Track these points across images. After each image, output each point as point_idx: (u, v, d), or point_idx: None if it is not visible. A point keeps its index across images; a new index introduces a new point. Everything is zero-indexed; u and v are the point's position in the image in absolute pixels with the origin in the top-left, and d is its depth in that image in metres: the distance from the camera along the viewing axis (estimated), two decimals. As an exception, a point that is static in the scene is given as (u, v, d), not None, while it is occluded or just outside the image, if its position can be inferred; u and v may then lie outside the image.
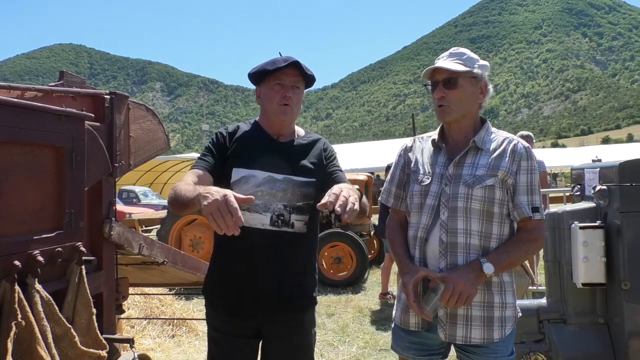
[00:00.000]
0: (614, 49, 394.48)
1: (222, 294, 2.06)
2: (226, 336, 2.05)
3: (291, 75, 2.00)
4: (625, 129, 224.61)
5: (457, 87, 1.93)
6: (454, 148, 2.01)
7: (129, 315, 4.80)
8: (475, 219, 1.89)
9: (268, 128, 2.08)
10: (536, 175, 1.95)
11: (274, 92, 2.00)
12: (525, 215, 1.90)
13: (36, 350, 1.53)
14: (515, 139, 1.98)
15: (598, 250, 2.57)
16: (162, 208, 14.89)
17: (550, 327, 2.75)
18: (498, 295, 1.92)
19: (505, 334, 1.92)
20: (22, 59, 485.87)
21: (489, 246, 1.90)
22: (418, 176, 2.02)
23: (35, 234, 1.70)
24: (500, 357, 1.92)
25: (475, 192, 1.88)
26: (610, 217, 2.61)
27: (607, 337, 2.64)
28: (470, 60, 1.96)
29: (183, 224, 8.00)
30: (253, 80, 2.07)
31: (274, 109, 2.01)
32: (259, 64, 2.05)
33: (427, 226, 1.95)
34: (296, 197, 1.98)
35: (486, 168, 1.90)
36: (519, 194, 1.91)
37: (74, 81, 2.22)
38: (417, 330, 2.00)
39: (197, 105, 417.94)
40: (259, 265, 1.98)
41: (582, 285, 2.60)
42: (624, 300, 2.51)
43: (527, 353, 2.72)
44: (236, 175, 1.97)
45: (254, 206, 1.94)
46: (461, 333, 1.89)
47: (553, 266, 2.89)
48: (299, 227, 2.00)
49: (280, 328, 2.04)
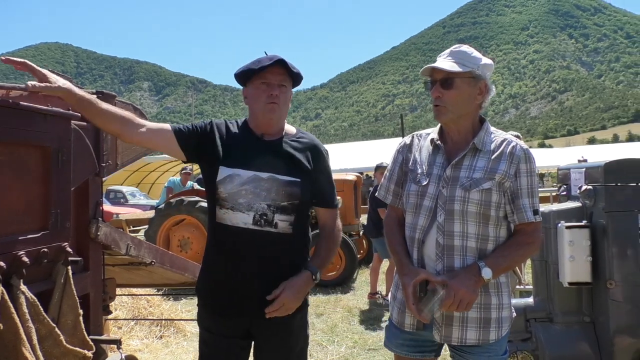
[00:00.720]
0: (599, 50, 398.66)
1: (211, 293, 2.06)
2: (216, 336, 2.04)
3: (277, 74, 1.98)
4: (610, 129, 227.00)
5: (454, 88, 1.90)
6: (452, 148, 1.98)
7: (116, 316, 4.76)
8: (472, 221, 1.88)
9: (255, 127, 2.07)
10: (536, 177, 1.95)
11: (260, 92, 1.99)
12: (527, 219, 1.89)
13: (21, 351, 1.51)
14: (514, 141, 1.96)
15: (584, 250, 2.60)
16: (150, 208, 14.78)
17: (537, 326, 2.77)
18: (495, 296, 1.92)
19: (501, 334, 1.92)
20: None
21: (485, 248, 1.90)
22: (415, 176, 2.01)
23: (20, 235, 1.68)
24: (494, 356, 1.92)
25: (472, 195, 1.87)
26: (595, 217, 2.64)
27: (592, 335, 2.66)
28: (470, 60, 1.93)
29: (171, 224, 7.95)
30: (240, 80, 2.06)
31: (261, 108, 2.00)
32: (244, 64, 2.04)
33: (424, 228, 1.94)
34: (280, 196, 1.96)
35: (484, 171, 1.89)
36: (521, 197, 1.90)
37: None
38: (412, 331, 2.00)
39: (186, 105, 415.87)
40: (244, 265, 1.97)
41: (569, 284, 2.63)
42: (609, 299, 2.54)
43: (515, 352, 2.74)
44: (222, 174, 1.96)
45: (238, 205, 1.94)
46: (457, 334, 1.89)
47: (540, 265, 2.92)
48: (283, 228, 1.97)
49: (268, 329, 2.03)
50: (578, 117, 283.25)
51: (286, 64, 1.96)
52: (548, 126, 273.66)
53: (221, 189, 1.95)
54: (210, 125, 2.06)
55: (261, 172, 1.96)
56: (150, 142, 2.02)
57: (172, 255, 2.93)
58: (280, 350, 2.06)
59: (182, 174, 10.20)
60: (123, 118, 1.89)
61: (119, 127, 1.89)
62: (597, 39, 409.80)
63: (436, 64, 1.93)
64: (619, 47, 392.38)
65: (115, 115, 1.88)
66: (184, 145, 1.99)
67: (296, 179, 1.99)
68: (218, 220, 1.99)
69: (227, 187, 1.94)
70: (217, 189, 1.96)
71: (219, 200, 1.96)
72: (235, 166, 1.97)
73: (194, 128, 2.03)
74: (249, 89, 2.03)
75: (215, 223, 2.00)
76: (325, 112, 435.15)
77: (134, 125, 1.91)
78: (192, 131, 2.02)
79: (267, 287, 1.97)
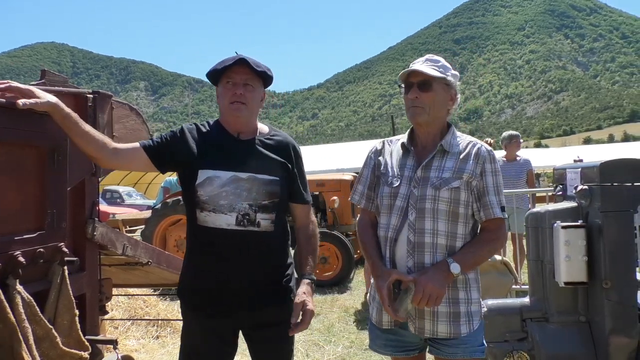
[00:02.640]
0: (595, 50, 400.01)
1: (197, 295, 2.06)
2: (201, 336, 2.05)
3: (241, 73, 1.99)
4: (606, 129, 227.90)
5: (431, 90, 2.01)
6: (422, 151, 2.09)
7: (112, 316, 4.75)
8: (442, 219, 1.98)
9: (227, 126, 2.08)
10: (501, 176, 2.06)
11: (226, 90, 2.01)
12: (494, 216, 2.00)
13: (17, 351, 1.51)
14: (479, 143, 2.09)
15: (580, 250, 2.60)
16: (146, 208, 14.75)
17: (533, 326, 2.78)
18: (463, 291, 2.01)
19: (473, 328, 2.01)
20: (3, 57, 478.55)
21: (454, 245, 2.00)
22: (388, 178, 2.09)
23: (16, 235, 1.68)
24: (470, 348, 2.00)
25: (442, 194, 1.97)
26: (591, 217, 2.65)
27: (588, 335, 2.67)
28: (444, 67, 2.05)
29: (168, 225, 7.94)
30: (212, 81, 2.08)
31: (226, 106, 2.01)
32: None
33: (396, 227, 2.03)
34: (261, 195, 1.98)
35: (452, 171, 2.00)
36: (488, 195, 2.01)
37: (56, 80, 2.19)
38: (390, 327, 2.07)
39: (182, 105, 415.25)
40: (230, 266, 1.98)
41: (564, 284, 2.63)
42: (605, 298, 2.55)
43: (510, 351, 2.75)
44: (201, 176, 1.96)
45: (219, 207, 1.94)
46: (429, 327, 1.98)
47: (535, 265, 2.92)
48: (266, 226, 2.00)
49: (256, 323, 2.05)
50: (574, 117, 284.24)
51: (248, 63, 1.97)
52: (544, 126, 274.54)
53: (201, 191, 1.95)
54: (180, 131, 2.06)
55: (241, 172, 1.97)
56: (125, 166, 2.08)
57: (169, 255, 2.93)
58: (273, 345, 2.10)
59: (179, 174, 10.18)
60: (99, 143, 1.87)
61: (95, 151, 1.88)
62: (593, 39, 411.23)
63: (415, 67, 2.03)
64: (615, 47, 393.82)
65: (95, 140, 1.86)
66: (156, 160, 1.99)
67: (275, 178, 2.02)
68: (200, 223, 1.98)
69: (206, 189, 1.95)
70: (196, 192, 1.96)
71: (199, 204, 1.96)
72: (213, 168, 1.97)
73: (163, 139, 2.03)
74: (218, 88, 2.06)
75: (197, 226, 2.00)
76: (322, 112, 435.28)
77: (109, 151, 1.90)
78: (161, 143, 2.02)
79: (254, 286, 2.00)
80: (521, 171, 6.83)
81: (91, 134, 1.85)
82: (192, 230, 2.05)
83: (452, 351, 1.99)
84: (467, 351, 1.99)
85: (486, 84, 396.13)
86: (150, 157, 1.98)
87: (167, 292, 6.20)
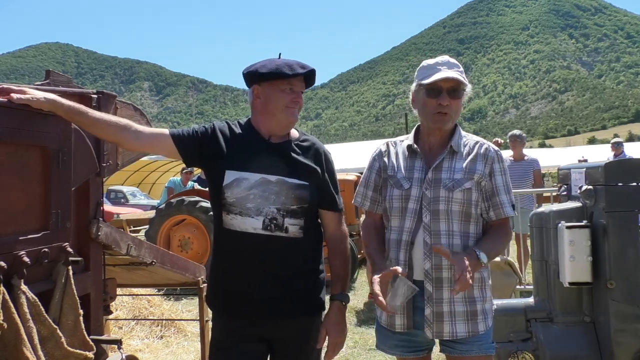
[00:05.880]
0: (599, 50, 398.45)
1: (225, 301, 2.02)
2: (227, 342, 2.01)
3: (301, 81, 2.00)
4: (611, 129, 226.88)
5: (460, 97, 2.02)
6: (429, 152, 2.08)
7: (116, 316, 4.76)
8: (456, 220, 1.99)
9: (265, 129, 2.02)
10: (508, 175, 2.09)
11: (285, 94, 1.95)
12: (505, 215, 2.03)
13: (22, 351, 1.52)
14: (486, 143, 2.10)
15: (584, 250, 2.59)
16: (150, 208, 14.78)
17: (538, 326, 2.77)
18: (478, 289, 2.03)
19: (488, 325, 2.03)
20: (8, 57, 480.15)
21: (468, 245, 2.01)
22: (397, 181, 2.07)
23: (21, 235, 1.69)
24: (485, 344, 2.02)
25: (455, 195, 1.98)
26: (596, 217, 2.64)
27: (593, 335, 2.66)
28: (463, 71, 2.05)
29: (172, 224, 7.95)
30: (254, 78, 1.98)
31: (281, 110, 1.96)
32: (260, 63, 1.99)
33: (411, 229, 2.01)
34: (290, 200, 1.92)
35: (463, 172, 2.00)
36: (499, 194, 2.03)
37: (61, 80, 2.20)
38: (402, 331, 2.04)
39: (186, 105, 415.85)
40: (256, 272, 1.94)
41: (569, 284, 2.62)
42: (610, 299, 2.54)
43: (515, 352, 2.74)
44: (229, 177, 1.92)
45: (246, 210, 1.89)
46: (448, 329, 1.97)
47: (540, 265, 2.92)
48: (294, 232, 1.94)
49: (283, 334, 2.00)
50: (578, 117, 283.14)
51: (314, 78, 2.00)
52: (548, 126, 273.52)
53: (228, 193, 1.90)
54: (212, 128, 2.02)
55: (270, 175, 1.92)
56: (150, 149, 2.06)
57: (173, 255, 2.93)
58: (299, 354, 2.05)
59: (183, 174, 10.20)
60: (119, 125, 1.86)
61: (116, 135, 1.87)
62: (598, 39, 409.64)
63: (452, 75, 1.97)
64: (620, 47, 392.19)
65: (111, 123, 1.85)
66: (183, 152, 1.97)
67: (305, 182, 1.95)
68: (225, 226, 1.95)
69: (234, 191, 1.90)
70: (223, 193, 1.91)
71: (226, 206, 1.92)
72: (242, 169, 1.92)
73: (194, 133, 1.99)
74: (265, 89, 1.97)
75: (223, 229, 1.96)
76: (325, 112, 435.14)
77: (132, 132, 1.88)
78: (192, 136, 1.98)
79: (281, 293, 1.94)
80: (527, 171, 6.83)
81: (104, 120, 1.85)
82: (218, 233, 2.01)
83: (466, 348, 1.99)
84: (482, 348, 2.01)
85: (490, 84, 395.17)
86: (177, 147, 1.95)
87: (172, 292, 6.21)
